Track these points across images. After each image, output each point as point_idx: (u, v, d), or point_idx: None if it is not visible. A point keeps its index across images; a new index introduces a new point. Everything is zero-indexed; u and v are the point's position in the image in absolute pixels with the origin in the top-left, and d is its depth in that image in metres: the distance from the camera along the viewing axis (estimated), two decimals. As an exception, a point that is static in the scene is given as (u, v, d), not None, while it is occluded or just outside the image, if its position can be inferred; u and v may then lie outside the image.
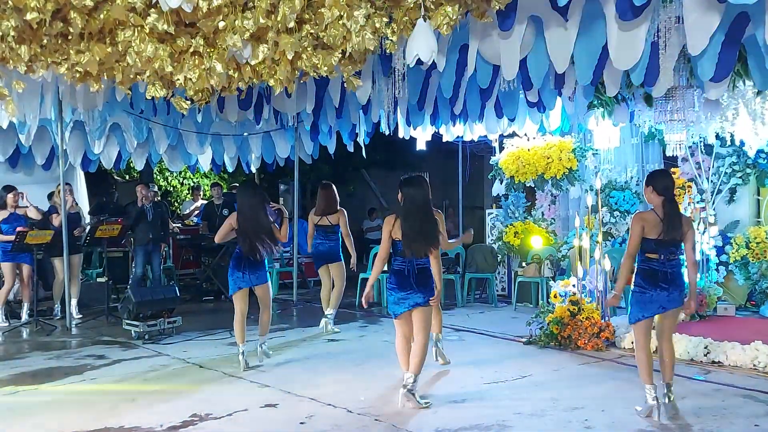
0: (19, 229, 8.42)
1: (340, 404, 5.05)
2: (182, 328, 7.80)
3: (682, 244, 4.68)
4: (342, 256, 7.84)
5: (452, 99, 7.33)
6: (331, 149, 10.98)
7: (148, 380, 5.91)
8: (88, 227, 9.62)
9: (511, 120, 8.59)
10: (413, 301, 5.07)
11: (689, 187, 8.82)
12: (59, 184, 9.06)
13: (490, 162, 11.07)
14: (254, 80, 4.68)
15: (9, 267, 8.63)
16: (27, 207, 8.93)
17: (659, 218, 4.61)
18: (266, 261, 6.34)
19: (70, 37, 4.15)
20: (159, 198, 9.91)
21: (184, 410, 4.95)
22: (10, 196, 8.66)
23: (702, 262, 8.20)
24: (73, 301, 8.80)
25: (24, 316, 8.72)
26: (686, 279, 4.75)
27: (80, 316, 8.84)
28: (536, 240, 9.70)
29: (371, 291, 5.17)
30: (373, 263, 6.12)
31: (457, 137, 10.55)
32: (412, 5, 4.10)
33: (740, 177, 8.72)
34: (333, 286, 7.81)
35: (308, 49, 4.27)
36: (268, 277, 6.37)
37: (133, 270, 9.70)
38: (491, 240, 10.73)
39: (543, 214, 10.40)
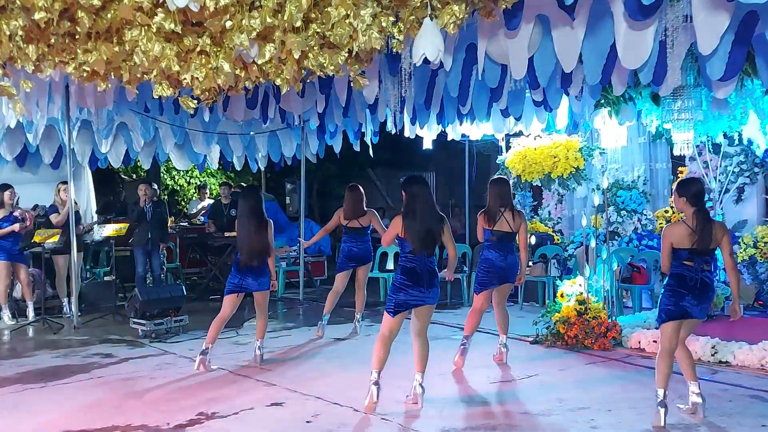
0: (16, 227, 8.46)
1: (347, 403, 5.05)
2: (189, 326, 7.81)
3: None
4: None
5: (460, 98, 7.32)
6: (337, 149, 10.98)
7: (155, 379, 5.92)
8: (95, 226, 9.64)
9: (517, 119, 8.57)
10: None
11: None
12: (59, 183, 9.08)
13: (497, 161, 11.05)
14: (261, 79, 4.69)
15: (3, 265, 8.61)
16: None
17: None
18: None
19: (77, 37, 4.16)
20: (157, 198, 9.88)
21: (191, 409, 4.96)
22: (6, 194, 8.62)
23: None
24: (72, 299, 8.80)
25: (31, 315, 8.74)
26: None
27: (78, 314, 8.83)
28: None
29: None
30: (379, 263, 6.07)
31: (463, 136, 10.53)
32: (418, 4, 4.09)
33: (748, 176, 8.69)
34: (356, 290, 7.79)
35: (315, 48, 4.26)
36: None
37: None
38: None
39: (550, 213, 10.38)
